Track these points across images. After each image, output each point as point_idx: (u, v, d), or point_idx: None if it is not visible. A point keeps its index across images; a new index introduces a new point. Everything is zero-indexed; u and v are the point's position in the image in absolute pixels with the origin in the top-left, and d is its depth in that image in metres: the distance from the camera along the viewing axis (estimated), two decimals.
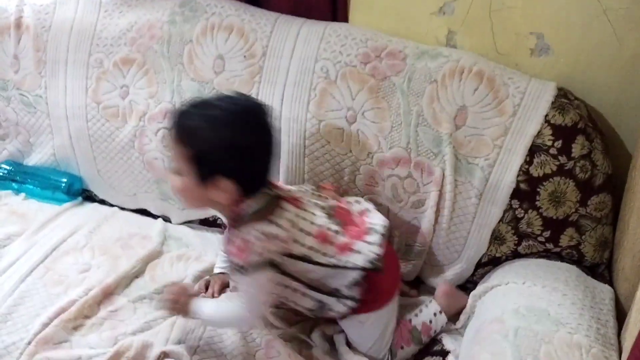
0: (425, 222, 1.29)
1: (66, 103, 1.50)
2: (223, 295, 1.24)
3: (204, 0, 1.42)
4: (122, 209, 1.54)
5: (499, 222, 1.25)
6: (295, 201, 1.13)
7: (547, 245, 1.24)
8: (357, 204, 1.24)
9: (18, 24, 1.52)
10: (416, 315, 1.24)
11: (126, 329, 1.14)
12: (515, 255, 1.27)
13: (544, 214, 1.22)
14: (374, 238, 1.13)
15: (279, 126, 1.35)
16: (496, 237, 1.26)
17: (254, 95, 1.36)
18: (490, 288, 1.18)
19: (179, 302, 1.11)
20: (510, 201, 1.23)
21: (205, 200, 1.09)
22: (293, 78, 1.35)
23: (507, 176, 1.21)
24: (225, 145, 1.03)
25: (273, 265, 1.07)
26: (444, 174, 1.25)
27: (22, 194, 1.56)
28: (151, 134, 1.44)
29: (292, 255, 1.08)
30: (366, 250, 1.11)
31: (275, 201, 1.10)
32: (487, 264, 1.30)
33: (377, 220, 1.18)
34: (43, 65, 1.50)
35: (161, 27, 1.42)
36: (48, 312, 1.15)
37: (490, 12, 1.27)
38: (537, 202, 1.22)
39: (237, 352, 1.14)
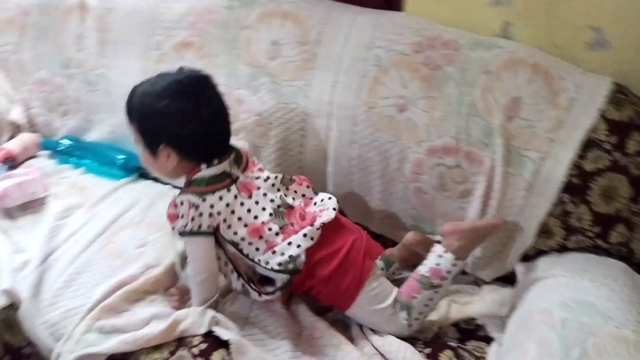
0: (472, 212, 1.30)
1: (126, 82, 1.55)
2: None
3: None
4: (174, 187, 1.59)
5: (547, 215, 1.24)
6: (246, 189, 1.18)
7: (597, 241, 1.23)
8: (320, 203, 1.24)
9: (83, 5, 1.59)
10: (423, 264, 1.20)
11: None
12: (563, 249, 1.27)
13: (595, 209, 1.21)
14: (297, 240, 1.15)
15: (329, 112, 1.38)
16: (544, 231, 1.26)
17: (307, 82, 1.39)
18: (537, 280, 1.18)
19: (182, 301, 1.23)
20: (560, 195, 1.22)
21: (166, 170, 1.20)
22: (346, 65, 1.37)
23: (558, 170, 1.21)
24: (153, 114, 1.14)
25: (207, 234, 1.15)
26: (494, 165, 1.26)
27: (82, 168, 1.63)
28: None
29: (221, 235, 1.16)
30: (285, 252, 1.14)
31: (224, 181, 1.17)
32: (533, 257, 1.30)
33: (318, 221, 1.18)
34: (105, 45, 1.57)
35: (219, 12, 1.46)
36: (109, 282, 1.22)
37: (548, 4, 1.26)
38: (588, 197, 1.21)
39: (282, 330, 1.17)
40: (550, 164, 1.22)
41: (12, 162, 1.61)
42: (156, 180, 1.63)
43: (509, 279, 1.33)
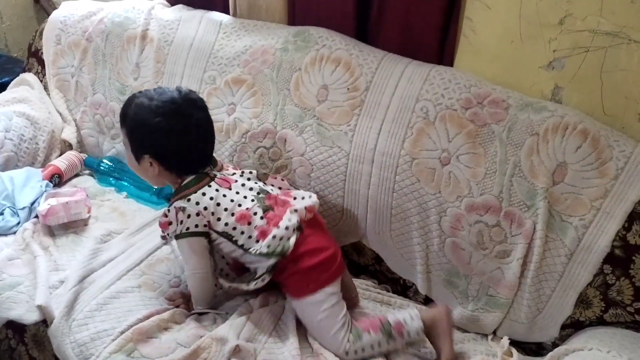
0: (510, 274, 1.27)
1: None
2: None
3: (317, 32, 1.50)
4: None
5: (587, 285, 1.21)
6: (225, 182, 1.27)
7: (636, 316, 1.19)
8: (300, 200, 1.30)
9: (144, 36, 1.65)
10: (395, 312, 1.26)
11: (209, 333, 1.20)
12: (600, 322, 1.23)
13: (637, 284, 1.18)
14: (284, 222, 1.22)
15: (371, 158, 1.39)
16: (582, 301, 1.23)
17: (352, 127, 1.41)
18: (571, 351, 1.15)
19: (183, 300, 1.30)
20: (602, 266, 1.19)
21: (147, 175, 1.30)
22: (392, 114, 1.38)
23: (601, 240, 1.19)
24: (144, 127, 1.23)
25: (196, 234, 1.22)
26: (535, 228, 1.24)
27: (123, 193, 1.67)
28: (250, 151, 1.51)
29: (214, 230, 1.23)
30: (272, 238, 1.21)
31: (204, 180, 1.26)
32: (569, 327, 1.26)
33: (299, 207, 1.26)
34: (161, 76, 1.62)
35: (274, 53, 1.51)
36: (142, 311, 1.23)
37: (601, 72, 1.25)
38: (630, 271, 1.18)
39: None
40: (593, 232, 1.20)
41: (59, 180, 1.67)
42: None
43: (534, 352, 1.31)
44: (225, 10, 1.67)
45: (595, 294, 1.22)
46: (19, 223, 1.47)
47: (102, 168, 1.74)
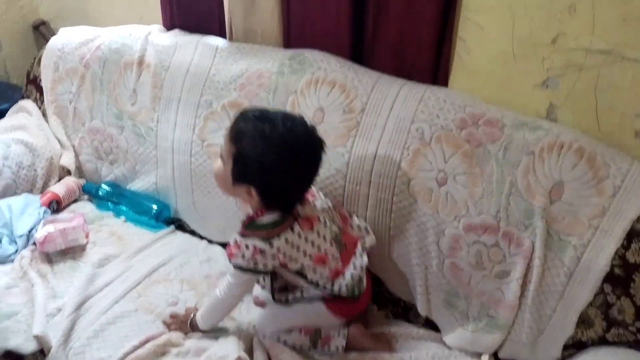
0: (510, 294, 1.26)
1: (174, 137, 1.61)
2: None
3: (312, 55, 1.50)
4: (210, 241, 1.61)
5: (588, 305, 1.20)
6: (308, 223, 1.22)
7: (639, 335, 1.18)
8: (357, 229, 1.36)
9: (140, 62, 1.67)
10: (329, 327, 1.32)
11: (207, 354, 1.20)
12: (603, 342, 1.21)
13: (638, 302, 1.17)
14: (360, 263, 1.28)
15: (368, 180, 1.39)
16: (583, 320, 1.22)
17: (348, 149, 1.41)
18: None
19: (177, 322, 1.29)
20: (602, 285, 1.18)
21: (233, 194, 1.27)
22: (388, 136, 1.38)
23: (601, 259, 1.18)
24: (257, 162, 1.13)
25: (257, 272, 1.20)
26: (533, 247, 1.23)
27: (122, 217, 1.67)
28: None
29: (287, 269, 1.22)
30: (351, 278, 1.25)
31: (288, 222, 1.20)
32: (571, 347, 1.25)
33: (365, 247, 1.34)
34: (158, 101, 1.63)
35: (269, 77, 1.51)
36: (138, 336, 1.22)
37: (595, 90, 1.26)
38: (631, 290, 1.17)
39: None
40: (592, 251, 1.19)
41: (57, 206, 1.67)
42: (193, 233, 1.65)
43: None
44: (222, 35, 1.68)
45: (597, 314, 1.20)
46: (16, 251, 1.47)
47: (100, 193, 1.74)
